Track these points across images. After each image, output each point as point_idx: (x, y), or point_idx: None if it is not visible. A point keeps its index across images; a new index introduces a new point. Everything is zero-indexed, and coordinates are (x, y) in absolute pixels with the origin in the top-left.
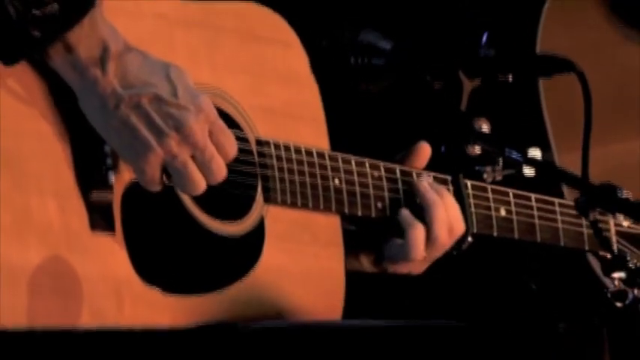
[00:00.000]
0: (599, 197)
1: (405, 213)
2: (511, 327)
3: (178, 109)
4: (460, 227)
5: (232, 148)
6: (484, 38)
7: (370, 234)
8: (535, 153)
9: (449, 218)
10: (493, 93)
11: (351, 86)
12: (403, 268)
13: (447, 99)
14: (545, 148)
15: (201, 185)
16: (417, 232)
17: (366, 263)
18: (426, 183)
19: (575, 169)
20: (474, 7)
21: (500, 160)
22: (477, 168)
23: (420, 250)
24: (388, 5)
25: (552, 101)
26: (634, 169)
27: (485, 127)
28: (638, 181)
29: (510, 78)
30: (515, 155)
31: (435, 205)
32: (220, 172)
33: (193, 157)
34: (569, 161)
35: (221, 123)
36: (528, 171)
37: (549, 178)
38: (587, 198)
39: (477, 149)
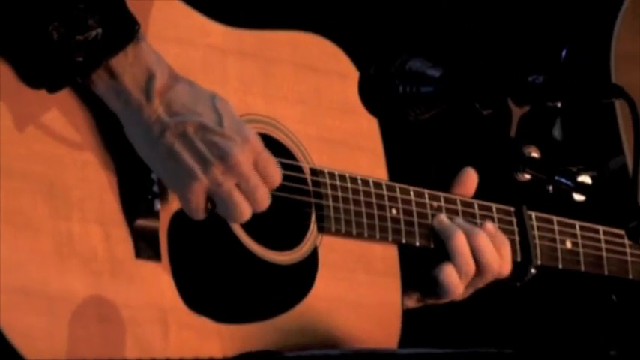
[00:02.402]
0: None
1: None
2: (561, 353)
3: (224, 138)
4: (489, 255)
5: (277, 177)
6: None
7: (416, 270)
8: (585, 179)
9: (471, 245)
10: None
11: (400, 114)
12: (445, 300)
13: (496, 126)
14: (617, 152)
15: (246, 213)
16: (446, 272)
17: (409, 301)
18: (442, 217)
19: None
20: (523, 31)
21: (550, 187)
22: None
23: (455, 286)
24: (436, 33)
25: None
26: None
27: (535, 154)
28: None
29: (559, 104)
30: (565, 181)
31: (451, 238)
32: (264, 200)
33: (237, 186)
34: None
35: (267, 154)
36: (578, 197)
37: (599, 204)
38: (638, 223)
39: (526, 176)
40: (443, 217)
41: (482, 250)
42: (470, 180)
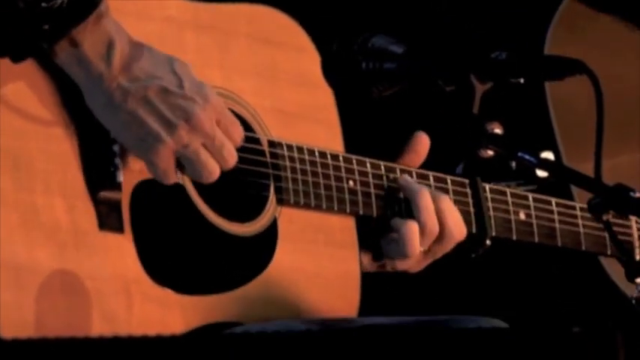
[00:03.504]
0: (613, 199)
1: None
2: (523, 330)
3: (185, 100)
4: (452, 219)
5: (240, 135)
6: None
7: (368, 231)
8: (548, 155)
9: (437, 207)
10: (505, 96)
11: (363, 91)
12: (401, 266)
13: (459, 102)
14: (554, 154)
15: (215, 171)
16: (410, 227)
17: (365, 262)
18: (406, 176)
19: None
20: (484, 11)
21: (513, 162)
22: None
23: (414, 245)
24: (400, 10)
25: (562, 110)
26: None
27: (497, 130)
28: None
29: (522, 80)
30: (528, 157)
31: (417, 193)
32: (232, 157)
33: (204, 146)
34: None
35: (228, 113)
36: (541, 173)
37: (562, 180)
38: (600, 200)
39: (489, 152)
40: (407, 176)
41: (447, 212)
42: (421, 145)
